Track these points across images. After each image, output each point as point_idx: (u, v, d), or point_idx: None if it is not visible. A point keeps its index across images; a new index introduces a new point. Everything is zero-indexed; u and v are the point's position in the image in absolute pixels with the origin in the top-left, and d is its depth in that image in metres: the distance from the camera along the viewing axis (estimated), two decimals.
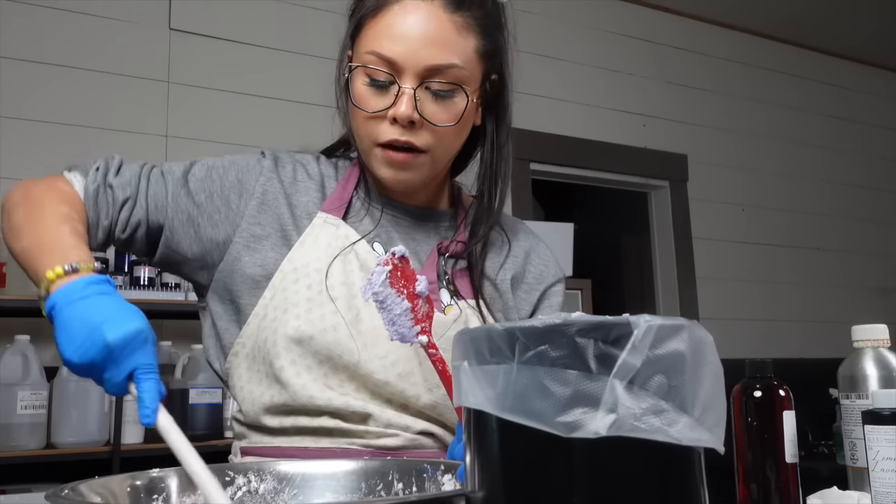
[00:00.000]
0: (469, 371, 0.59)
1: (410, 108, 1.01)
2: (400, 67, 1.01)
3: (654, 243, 4.24)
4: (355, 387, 1.04)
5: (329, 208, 1.11)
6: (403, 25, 1.02)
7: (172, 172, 1.09)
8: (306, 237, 1.08)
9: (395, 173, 1.06)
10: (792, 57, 4.78)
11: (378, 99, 1.03)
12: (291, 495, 0.82)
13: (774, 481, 0.92)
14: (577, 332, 0.54)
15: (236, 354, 1.08)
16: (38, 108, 2.77)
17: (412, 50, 1.01)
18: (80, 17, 2.90)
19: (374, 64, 1.02)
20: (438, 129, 1.04)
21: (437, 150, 1.06)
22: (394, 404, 1.05)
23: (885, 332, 1.11)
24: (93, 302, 0.83)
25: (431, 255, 1.13)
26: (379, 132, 1.04)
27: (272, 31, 3.12)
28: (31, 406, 2.31)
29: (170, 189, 1.08)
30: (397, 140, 1.03)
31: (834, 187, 4.78)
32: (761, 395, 0.94)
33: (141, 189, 1.06)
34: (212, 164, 1.11)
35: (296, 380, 1.02)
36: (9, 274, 2.42)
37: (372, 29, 1.04)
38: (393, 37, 1.01)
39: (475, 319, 1.10)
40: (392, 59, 1.01)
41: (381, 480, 0.83)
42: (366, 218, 1.12)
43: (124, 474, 0.76)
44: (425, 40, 1.01)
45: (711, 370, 0.57)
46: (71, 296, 0.83)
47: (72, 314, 0.82)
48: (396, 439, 1.03)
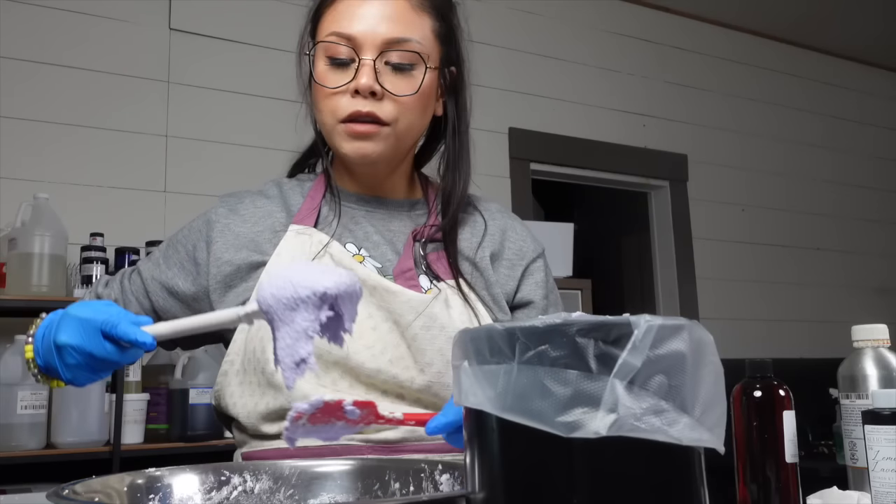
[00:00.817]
0: (469, 371, 0.58)
1: (371, 78, 1.05)
2: (359, 42, 1.06)
3: (654, 243, 4.24)
4: (349, 383, 1.04)
5: (299, 220, 1.13)
6: (362, 7, 1.07)
7: (145, 262, 1.19)
8: (280, 249, 1.10)
9: (358, 146, 1.08)
10: (792, 57, 4.78)
11: (339, 75, 1.07)
12: (287, 495, 0.82)
13: (774, 481, 0.92)
14: (577, 332, 0.54)
15: (225, 374, 1.10)
16: (38, 108, 2.77)
17: (370, 25, 1.06)
18: (80, 17, 2.90)
19: (335, 42, 1.07)
20: (400, 99, 1.07)
21: (400, 122, 1.09)
22: (389, 395, 1.05)
23: (885, 332, 1.11)
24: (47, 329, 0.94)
25: (407, 242, 1.14)
26: (341, 106, 1.07)
27: (272, 31, 3.12)
28: (31, 406, 2.31)
29: (145, 276, 1.16)
30: (359, 112, 1.06)
31: (834, 187, 4.78)
32: (761, 395, 0.94)
33: (125, 287, 1.17)
34: (170, 240, 1.20)
35: None
36: (9, 274, 2.42)
37: (331, 14, 1.09)
38: (351, 16, 1.07)
39: (456, 297, 1.11)
40: (351, 35, 1.06)
41: (377, 480, 0.83)
42: (333, 220, 1.14)
43: (124, 473, 0.76)
44: (382, 17, 1.07)
45: (712, 370, 0.57)
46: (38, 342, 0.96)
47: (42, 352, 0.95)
48: (396, 432, 1.04)
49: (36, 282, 2.40)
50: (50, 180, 2.68)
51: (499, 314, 1.15)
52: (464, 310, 1.09)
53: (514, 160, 3.74)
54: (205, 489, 0.79)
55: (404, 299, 1.06)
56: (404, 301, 1.06)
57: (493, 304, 1.15)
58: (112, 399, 2.46)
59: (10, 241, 2.43)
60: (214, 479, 0.80)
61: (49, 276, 2.42)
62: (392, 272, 1.11)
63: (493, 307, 1.15)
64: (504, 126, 3.73)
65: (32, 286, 2.40)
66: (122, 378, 2.47)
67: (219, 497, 0.79)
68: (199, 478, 0.79)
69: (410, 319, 1.05)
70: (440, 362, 1.05)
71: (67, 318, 0.90)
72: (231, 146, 3.05)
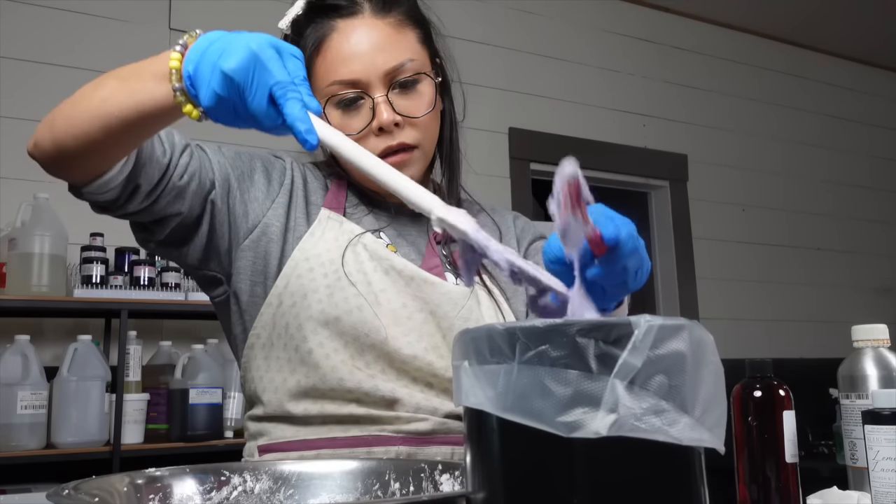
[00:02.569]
0: (469, 371, 0.59)
1: (390, 113, 1.06)
2: (364, 83, 1.06)
3: (654, 243, 4.24)
4: (382, 367, 1.04)
5: (329, 206, 1.13)
6: (350, 47, 1.06)
7: (209, 147, 1.11)
8: (315, 229, 1.09)
9: None
10: (792, 57, 4.78)
11: (355, 118, 1.07)
12: (287, 495, 0.82)
13: (774, 481, 0.92)
14: (577, 332, 0.54)
15: (252, 346, 1.08)
16: (38, 108, 2.76)
17: (368, 63, 1.06)
18: (80, 17, 2.90)
19: (340, 91, 1.06)
20: (419, 121, 1.08)
21: (425, 141, 1.11)
22: (419, 382, 1.06)
23: (885, 332, 1.11)
24: (214, 44, 0.78)
25: (429, 246, 1.16)
26: (371, 147, 1.06)
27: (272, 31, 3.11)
28: (31, 406, 2.31)
29: (213, 158, 1.08)
30: (389, 147, 1.07)
31: (834, 187, 4.78)
32: (761, 395, 0.94)
33: (192, 145, 1.06)
34: (237, 150, 1.14)
35: (326, 361, 1.03)
36: (9, 274, 2.42)
37: (322, 64, 1.08)
38: (345, 60, 1.06)
39: (483, 292, 1.13)
40: (354, 79, 1.06)
41: (377, 480, 0.83)
42: (368, 215, 1.15)
43: (123, 473, 0.76)
44: (375, 50, 1.06)
45: (712, 370, 0.57)
46: (195, 53, 0.79)
47: (199, 62, 0.78)
48: (426, 423, 1.04)
49: (36, 282, 2.40)
50: (50, 180, 2.65)
51: (520, 303, 1.18)
52: (490, 304, 1.12)
53: (514, 160, 3.74)
54: (205, 489, 0.79)
55: (443, 291, 1.08)
56: (443, 293, 1.08)
57: (512, 290, 1.18)
58: (112, 399, 2.46)
59: (10, 241, 2.43)
60: (214, 480, 0.80)
61: (49, 276, 2.42)
62: (421, 267, 1.12)
63: (514, 294, 1.18)
64: (504, 126, 3.73)
65: (32, 286, 2.40)
66: (122, 378, 2.47)
67: (219, 497, 0.79)
68: (199, 478, 0.79)
69: (447, 310, 1.07)
70: None
71: (241, 47, 0.75)
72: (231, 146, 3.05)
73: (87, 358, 2.42)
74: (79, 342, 2.43)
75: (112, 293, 2.49)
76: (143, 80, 0.84)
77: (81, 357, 2.41)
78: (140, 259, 2.61)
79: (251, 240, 1.07)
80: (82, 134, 0.90)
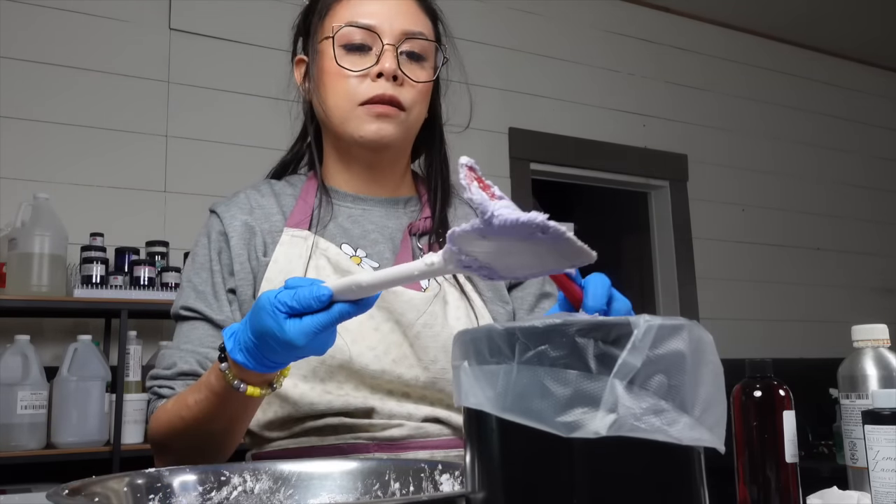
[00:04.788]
0: (469, 371, 0.58)
1: (394, 62, 1.09)
2: (379, 30, 1.09)
3: (654, 243, 4.24)
4: (354, 385, 1.05)
5: (293, 223, 1.13)
6: (375, 2, 1.11)
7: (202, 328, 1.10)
8: (277, 255, 1.09)
9: (378, 126, 1.09)
10: (792, 57, 4.78)
11: (358, 60, 1.10)
12: (287, 495, 0.82)
13: (774, 481, 0.92)
14: (577, 332, 0.54)
15: None
16: (38, 108, 2.77)
17: (389, 16, 1.10)
18: (80, 17, 2.90)
19: (353, 31, 1.09)
20: (417, 86, 1.11)
21: (415, 109, 1.12)
22: (395, 394, 1.06)
23: (885, 332, 1.10)
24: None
25: (404, 238, 1.15)
26: (361, 89, 1.09)
27: (272, 31, 3.11)
28: (31, 406, 2.31)
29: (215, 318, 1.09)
30: (384, 94, 1.09)
31: (834, 187, 4.78)
32: (761, 395, 0.94)
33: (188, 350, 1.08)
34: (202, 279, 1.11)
35: (293, 391, 1.04)
36: (9, 274, 2.42)
37: (343, 8, 1.12)
38: (366, 11, 1.11)
39: (453, 292, 1.11)
40: (371, 25, 1.09)
41: (377, 480, 0.83)
42: (330, 223, 1.14)
43: (123, 473, 0.76)
44: (399, 9, 1.12)
45: (712, 370, 0.57)
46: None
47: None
48: (402, 429, 1.04)
49: (36, 282, 2.40)
50: (50, 180, 2.68)
51: (498, 304, 1.15)
52: (460, 303, 1.10)
53: (514, 160, 3.73)
54: (205, 489, 0.79)
55: (405, 299, 1.07)
56: (405, 301, 1.07)
57: (492, 292, 1.16)
58: (112, 399, 2.46)
59: (10, 241, 2.43)
60: (214, 480, 0.80)
61: (49, 276, 2.42)
62: None
63: (493, 297, 1.15)
64: (504, 126, 3.73)
65: (32, 286, 2.40)
66: (122, 378, 2.47)
67: (219, 497, 0.79)
68: (199, 478, 0.79)
69: (412, 318, 1.06)
70: (444, 359, 1.06)
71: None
72: (231, 146, 3.05)
73: (87, 358, 2.42)
74: (79, 342, 2.43)
75: (112, 293, 2.49)
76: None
77: (81, 357, 2.41)
78: (140, 259, 2.61)
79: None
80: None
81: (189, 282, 1.11)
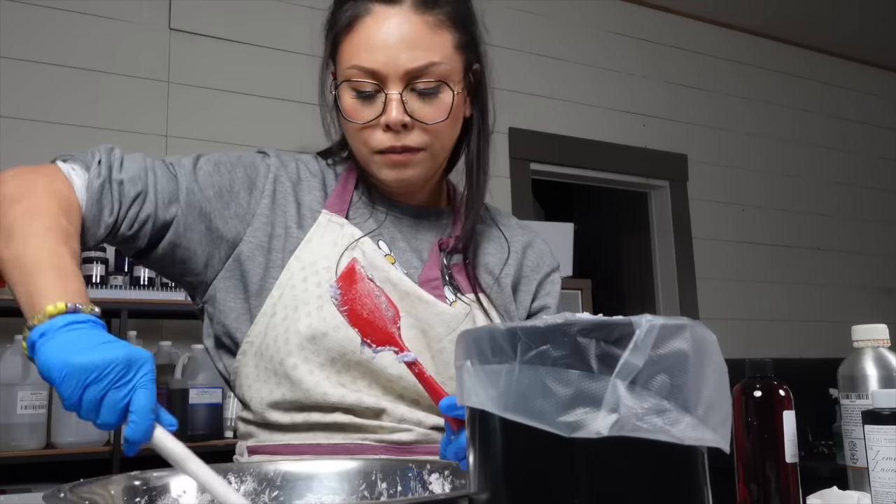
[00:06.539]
0: (472, 371, 0.58)
1: (400, 112, 1.03)
2: (383, 76, 1.03)
3: (654, 243, 4.24)
4: (367, 383, 1.04)
5: (332, 207, 1.11)
6: (379, 35, 1.03)
7: (182, 166, 1.06)
8: (312, 235, 1.08)
9: (397, 173, 1.08)
10: (792, 57, 4.78)
11: (367, 109, 1.05)
12: (272, 497, 0.81)
13: (774, 481, 0.92)
14: (578, 332, 0.54)
15: (244, 353, 1.08)
16: (38, 108, 2.77)
17: (392, 57, 1.02)
18: (80, 17, 2.90)
19: (358, 77, 1.04)
20: (430, 126, 1.06)
21: (434, 145, 1.08)
22: (406, 399, 1.05)
23: (885, 332, 1.11)
24: (79, 333, 0.83)
25: (433, 251, 1.14)
26: (374, 141, 1.06)
27: (272, 31, 3.12)
28: (31, 406, 2.31)
29: (182, 184, 1.04)
30: (393, 146, 1.05)
31: (834, 187, 4.78)
32: (761, 395, 0.94)
33: (150, 183, 1.02)
34: (218, 160, 1.09)
35: (309, 377, 1.02)
36: None
37: (349, 44, 1.05)
38: (371, 48, 1.03)
39: (479, 314, 1.11)
40: (374, 70, 1.03)
41: (363, 480, 0.82)
42: (370, 219, 1.13)
43: (123, 474, 0.76)
44: (402, 45, 1.03)
45: (715, 369, 0.56)
46: (54, 327, 0.84)
47: (53, 344, 0.83)
48: (410, 434, 1.04)
49: None
50: None
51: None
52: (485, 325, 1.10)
53: (514, 160, 3.73)
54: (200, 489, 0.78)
55: (436, 311, 1.06)
56: (436, 313, 1.06)
57: (513, 319, 1.16)
58: None
59: None
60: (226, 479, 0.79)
61: None
62: (418, 280, 1.10)
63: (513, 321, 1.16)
64: (504, 126, 3.73)
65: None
66: None
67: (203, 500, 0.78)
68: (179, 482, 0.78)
69: (441, 332, 1.05)
70: None
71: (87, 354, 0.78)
72: (231, 146, 3.05)
73: None
74: None
75: (112, 293, 2.49)
76: (30, 294, 0.93)
77: None
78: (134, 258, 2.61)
79: (233, 258, 1.07)
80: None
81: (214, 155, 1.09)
